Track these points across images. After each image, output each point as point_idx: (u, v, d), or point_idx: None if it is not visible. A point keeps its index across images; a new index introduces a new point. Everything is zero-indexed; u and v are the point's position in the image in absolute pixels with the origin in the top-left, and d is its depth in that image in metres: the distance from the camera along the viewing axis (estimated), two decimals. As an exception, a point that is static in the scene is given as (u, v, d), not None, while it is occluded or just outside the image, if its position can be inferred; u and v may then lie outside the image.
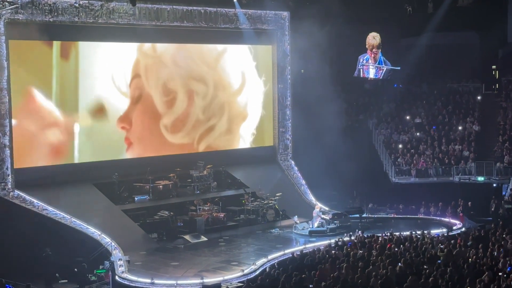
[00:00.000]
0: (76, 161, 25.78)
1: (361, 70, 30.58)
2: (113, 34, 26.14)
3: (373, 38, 28.84)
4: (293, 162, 31.13)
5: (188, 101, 28.66)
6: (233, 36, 29.35)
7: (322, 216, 25.92)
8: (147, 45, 27.42)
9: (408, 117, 34.80)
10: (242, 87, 30.28)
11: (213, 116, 29.49)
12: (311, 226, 25.62)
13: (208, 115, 29.35)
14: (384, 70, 29.32)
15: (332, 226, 25.52)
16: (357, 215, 26.70)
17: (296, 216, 26.18)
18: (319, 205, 27.11)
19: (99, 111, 26.18)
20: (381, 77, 30.54)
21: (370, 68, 29.10)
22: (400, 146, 32.94)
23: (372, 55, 28.99)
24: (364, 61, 29.68)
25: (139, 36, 26.71)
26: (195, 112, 28.90)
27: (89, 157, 26.01)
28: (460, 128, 33.52)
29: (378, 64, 29.71)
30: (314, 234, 25.08)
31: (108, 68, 26.35)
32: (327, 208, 27.79)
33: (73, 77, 25.49)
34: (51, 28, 24.47)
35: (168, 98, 28.09)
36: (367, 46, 29.81)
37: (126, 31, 26.31)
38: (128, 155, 27.09)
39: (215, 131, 29.60)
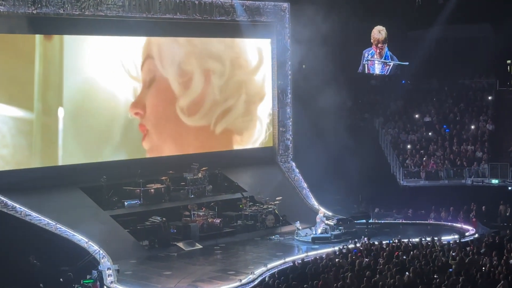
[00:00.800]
0: (61, 163, 25.77)
1: (366, 65, 30.64)
2: (101, 27, 26.11)
3: (379, 32, 28.89)
4: (294, 164, 31.14)
5: (205, 81, 29.27)
6: (230, 29, 29.37)
7: (326, 221, 25.93)
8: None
9: (417, 116, 34.83)
10: (259, 64, 30.71)
11: (230, 97, 30.05)
12: (314, 233, 25.64)
13: (225, 96, 29.92)
14: (391, 65, 29.38)
15: (336, 232, 25.54)
16: (364, 221, 26.70)
17: (298, 221, 26.18)
18: (322, 210, 27.11)
19: (84, 108, 26.17)
20: (387, 73, 30.58)
21: (376, 63, 29.16)
22: (409, 146, 32.97)
23: (378, 50, 29.05)
24: (369, 56, 29.74)
25: (128, 29, 26.68)
26: (212, 92, 29.53)
27: (75, 159, 26.00)
28: (472, 127, 33.55)
29: (385, 59, 29.75)
30: (318, 241, 25.09)
31: (97, 63, 26.37)
32: (330, 213, 27.80)
33: (58, 73, 25.46)
34: (34, 21, 24.41)
35: (184, 79, 28.66)
36: (372, 40, 29.88)
37: (115, 23, 26.29)
38: (145, 145, 27.60)
39: (233, 113, 30.14)
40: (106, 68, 26.66)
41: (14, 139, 24.72)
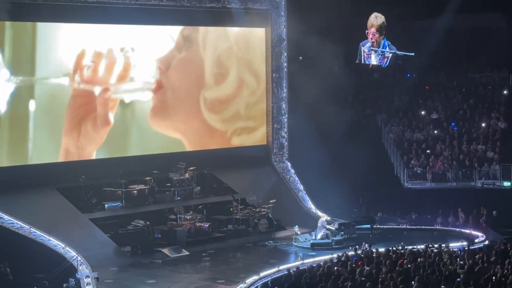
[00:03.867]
0: (35, 161, 25.70)
1: (363, 57, 30.58)
2: (77, 14, 26.02)
3: (375, 18, 28.88)
4: (289, 164, 31.17)
5: (237, 88, 30.20)
6: (220, 17, 29.38)
7: (327, 226, 25.96)
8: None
9: (423, 112, 34.87)
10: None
11: (253, 119, 30.88)
12: (314, 238, 25.68)
13: (249, 115, 30.76)
14: (390, 57, 29.34)
15: (338, 238, 25.58)
16: (368, 226, 26.73)
17: (296, 226, 26.22)
18: (325, 215, 27.12)
19: (55, 101, 26.15)
20: (385, 65, 30.52)
21: (372, 54, 29.12)
22: (414, 145, 33.00)
23: (370, 36, 28.93)
24: (366, 50, 29.70)
25: (109, 16, 26.70)
26: (238, 103, 30.35)
27: (49, 157, 25.94)
28: (483, 125, 33.60)
29: (382, 49, 29.70)
30: (317, 247, 25.15)
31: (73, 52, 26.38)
32: (329, 218, 27.78)
33: (29, 63, 25.41)
34: (2, 7, 24.22)
35: (219, 71, 29.57)
36: (368, 25, 29.80)
37: (94, 10, 26.23)
38: (155, 99, 28.12)
39: (253, 134, 30.99)
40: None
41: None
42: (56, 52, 26.04)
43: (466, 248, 22.84)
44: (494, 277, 17.43)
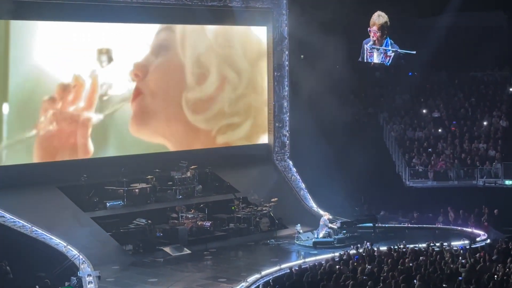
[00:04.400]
0: (37, 160, 25.73)
1: (365, 55, 30.58)
2: (62, 11, 25.77)
3: (378, 17, 28.90)
4: (291, 163, 31.19)
5: (219, 86, 29.89)
6: (221, 15, 29.35)
7: (329, 225, 25.98)
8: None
9: (424, 111, 34.88)
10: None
11: (237, 114, 30.60)
12: (316, 236, 25.71)
13: (233, 111, 30.49)
14: (392, 56, 29.36)
15: (340, 236, 25.61)
16: (370, 224, 26.77)
17: (299, 224, 26.25)
18: (327, 214, 27.14)
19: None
20: (388, 63, 30.54)
21: (375, 52, 29.14)
22: (416, 144, 33.00)
23: (375, 37, 28.96)
24: (369, 48, 29.73)
25: (103, 14, 26.59)
26: (222, 100, 30.11)
27: (51, 156, 25.98)
28: (485, 123, 33.61)
29: (385, 48, 29.72)
30: (320, 245, 25.16)
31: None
32: (331, 216, 27.80)
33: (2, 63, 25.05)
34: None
35: (200, 71, 29.28)
36: (370, 24, 29.83)
37: (87, 8, 26.02)
38: (134, 105, 27.66)
39: (237, 132, 30.74)
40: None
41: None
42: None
43: (468, 247, 22.90)
44: (495, 276, 17.46)
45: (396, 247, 21.95)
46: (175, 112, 29.01)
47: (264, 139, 31.30)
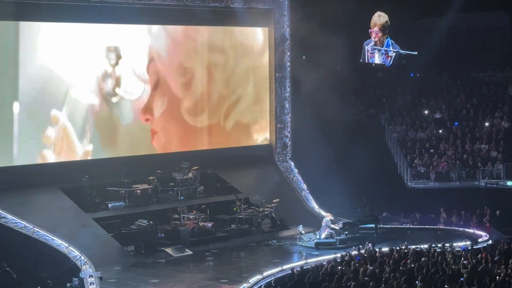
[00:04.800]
0: (39, 161, 25.77)
1: (366, 56, 30.61)
2: (67, 13, 25.85)
3: (379, 17, 28.93)
4: (292, 163, 31.19)
5: (208, 78, 29.78)
6: (223, 17, 29.40)
7: (331, 226, 25.99)
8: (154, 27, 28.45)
9: (426, 112, 34.87)
10: (264, 47, 31.10)
11: (237, 87, 30.59)
12: (318, 237, 25.72)
13: (232, 87, 30.48)
14: (393, 56, 29.36)
15: (342, 237, 25.62)
16: (373, 225, 26.77)
17: (301, 225, 26.26)
18: (329, 214, 27.14)
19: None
20: (389, 64, 30.55)
21: (376, 53, 29.15)
22: (417, 145, 33.01)
23: (374, 35, 28.96)
24: (370, 49, 29.75)
25: (106, 16, 26.66)
26: (216, 88, 30.05)
27: (54, 157, 26.02)
28: (487, 124, 33.60)
29: (386, 48, 29.73)
30: (322, 246, 25.18)
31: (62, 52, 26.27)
32: (333, 217, 27.81)
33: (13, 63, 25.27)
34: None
35: (185, 79, 29.20)
36: (371, 25, 29.87)
37: (90, 10, 26.14)
38: (155, 146, 28.55)
39: (242, 103, 30.68)
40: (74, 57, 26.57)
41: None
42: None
43: (470, 248, 22.90)
44: (497, 277, 17.48)
45: (398, 248, 21.96)
46: (177, 121, 29.24)
47: (265, 140, 31.30)
